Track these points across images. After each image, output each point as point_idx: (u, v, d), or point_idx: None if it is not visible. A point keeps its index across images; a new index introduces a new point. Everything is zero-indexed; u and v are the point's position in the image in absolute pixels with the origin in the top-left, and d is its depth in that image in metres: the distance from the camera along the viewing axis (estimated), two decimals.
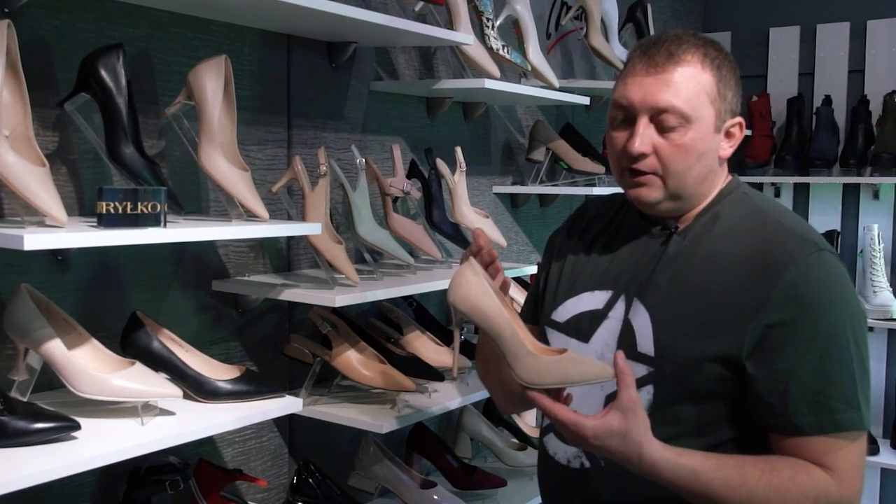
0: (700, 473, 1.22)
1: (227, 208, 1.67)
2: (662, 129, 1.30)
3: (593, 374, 1.19)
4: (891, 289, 3.48)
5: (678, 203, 1.35)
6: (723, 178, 1.39)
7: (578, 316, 1.41)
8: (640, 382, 1.30)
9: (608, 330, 1.37)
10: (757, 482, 1.22)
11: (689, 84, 1.29)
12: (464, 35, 2.18)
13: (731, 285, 1.28)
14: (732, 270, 1.29)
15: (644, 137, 1.30)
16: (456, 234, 2.30)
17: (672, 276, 1.33)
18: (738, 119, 1.36)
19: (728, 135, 1.35)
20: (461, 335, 1.31)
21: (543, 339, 1.47)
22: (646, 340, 1.32)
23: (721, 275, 1.29)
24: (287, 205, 1.94)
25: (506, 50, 2.36)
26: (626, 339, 1.34)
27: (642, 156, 1.30)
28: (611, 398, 1.29)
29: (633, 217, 1.44)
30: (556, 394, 1.23)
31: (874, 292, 3.48)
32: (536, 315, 1.53)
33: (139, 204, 1.38)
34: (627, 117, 1.33)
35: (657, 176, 1.32)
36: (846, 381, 1.25)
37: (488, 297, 1.22)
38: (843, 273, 1.31)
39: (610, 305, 1.38)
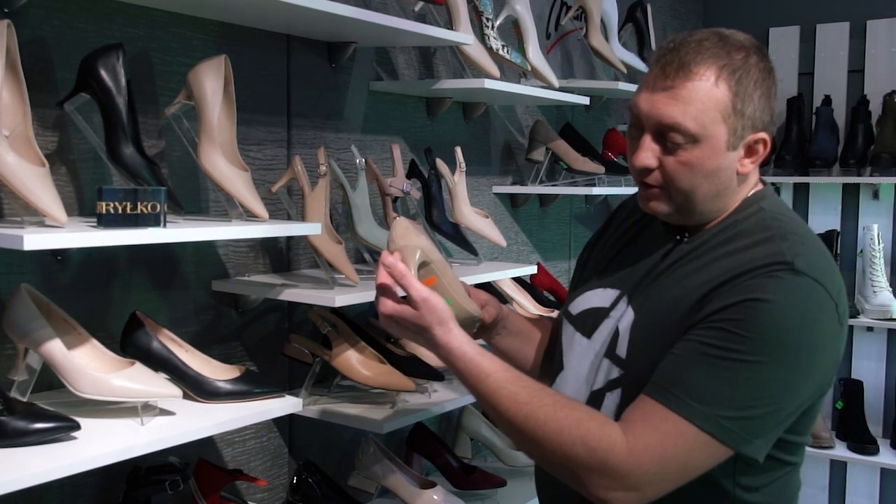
0: (491, 378, 1.23)
1: (227, 208, 1.67)
2: (667, 146, 1.25)
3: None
4: (890, 289, 3.49)
5: (691, 217, 1.32)
6: (747, 189, 1.33)
7: (588, 311, 1.42)
8: (613, 385, 1.31)
9: (607, 329, 1.37)
10: (542, 406, 1.20)
11: (699, 101, 1.22)
12: (463, 35, 2.18)
13: (700, 293, 1.23)
14: (708, 280, 1.24)
15: (649, 152, 1.26)
16: (456, 234, 2.30)
17: (662, 283, 1.32)
18: (762, 135, 1.27)
19: (750, 150, 1.28)
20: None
21: (560, 329, 1.48)
22: (623, 343, 1.32)
23: (699, 284, 1.25)
24: (287, 205, 1.94)
25: (505, 50, 2.36)
26: (612, 340, 1.34)
27: (647, 170, 1.28)
28: (596, 394, 1.32)
29: (657, 220, 1.41)
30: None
31: (874, 292, 3.48)
32: None
33: (139, 204, 1.38)
34: (636, 126, 1.30)
35: (663, 189, 1.29)
36: (709, 387, 1.16)
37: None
38: (807, 302, 1.18)
39: (614, 305, 1.38)
